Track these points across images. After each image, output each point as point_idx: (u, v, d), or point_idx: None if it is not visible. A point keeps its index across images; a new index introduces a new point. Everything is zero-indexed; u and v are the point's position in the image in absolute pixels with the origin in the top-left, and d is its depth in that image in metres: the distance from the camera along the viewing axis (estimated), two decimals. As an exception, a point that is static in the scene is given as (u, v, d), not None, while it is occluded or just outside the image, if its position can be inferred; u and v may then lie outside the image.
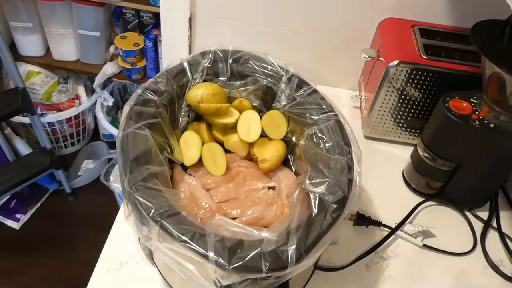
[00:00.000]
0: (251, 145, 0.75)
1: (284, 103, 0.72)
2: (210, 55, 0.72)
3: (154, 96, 0.65)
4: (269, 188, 0.73)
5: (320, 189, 0.56)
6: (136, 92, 0.66)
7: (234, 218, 0.66)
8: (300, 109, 0.70)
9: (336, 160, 0.61)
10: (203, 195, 0.69)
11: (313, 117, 0.68)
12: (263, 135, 0.74)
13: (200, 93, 0.70)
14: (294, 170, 0.74)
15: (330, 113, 0.67)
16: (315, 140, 0.66)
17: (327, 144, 0.63)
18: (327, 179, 0.57)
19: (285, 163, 0.75)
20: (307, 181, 0.59)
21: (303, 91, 0.70)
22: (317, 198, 0.55)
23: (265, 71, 0.73)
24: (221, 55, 0.73)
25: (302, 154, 0.67)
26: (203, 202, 0.68)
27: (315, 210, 0.54)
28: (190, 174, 0.72)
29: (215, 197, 0.70)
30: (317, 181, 0.58)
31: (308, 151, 0.66)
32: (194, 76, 0.71)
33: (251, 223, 0.66)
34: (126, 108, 0.63)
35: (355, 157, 0.62)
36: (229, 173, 0.73)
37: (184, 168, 0.73)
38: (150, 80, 0.68)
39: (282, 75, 0.72)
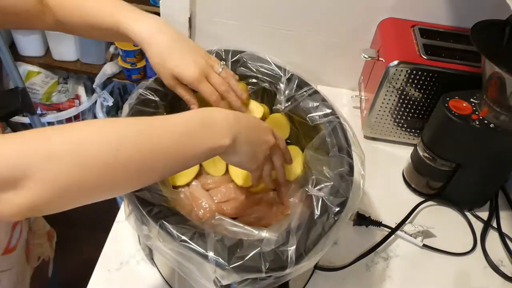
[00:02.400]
0: None
1: (284, 104, 0.72)
2: (211, 53, 0.72)
3: (154, 96, 0.65)
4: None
5: (323, 191, 0.56)
6: (137, 91, 0.65)
7: (234, 218, 0.66)
8: (301, 110, 0.70)
9: (339, 163, 0.61)
10: (203, 195, 0.69)
11: (313, 119, 0.67)
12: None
13: None
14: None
15: (331, 116, 0.67)
16: (318, 143, 0.66)
17: (329, 148, 0.63)
18: (330, 183, 0.57)
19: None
20: (310, 185, 0.59)
21: (304, 91, 0.70)
22: (320, 200, 0.55)
23: (265, 71, 0.73)
24: (222, 56, 0.73)
25: (305, 159, 0.67)
26: (203, 202, 0.67)
27: (317, 212, 0.54)
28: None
29: (215, 197, 0.70)
30: (320, 184, 0.58)
31: (311, 155, 0.65)
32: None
33: (251, 223, 0.66)
34: (126, 107, 0.63)
35: (358, 159, 0.62)
36: (228, 174, 0.73)
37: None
38: (151, 79, 0.67)
39: (282, 76, 0.71)
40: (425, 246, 0.80)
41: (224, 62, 0.65)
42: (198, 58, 0.61)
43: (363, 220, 0.80)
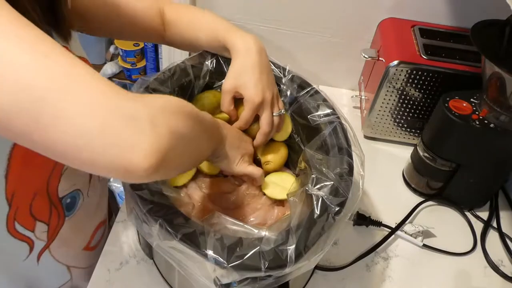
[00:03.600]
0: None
1: (285, 105, 0.72)
2: (213, 57, 0.72)
3: (154, 96, 0.65)
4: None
5: (323, 191, 0.56)
6: (138, 90, 0.65)
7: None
8: (302, 110, 0.70)
9: (339, 163, 0.61)
10: (202, 198, 0.68)
11: (314, 119, 0.67)
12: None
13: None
14: (294, 171, 0.74)
15: (332, 116, 0.67)
16: (318, 143, 0.66)
17: (329, 147, 0.63)
18: (330, 182, 0.57)
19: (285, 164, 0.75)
20: (310, 184, 0.59)
21: (305, 92, 0.70)
22: (320, 200, 0.55)
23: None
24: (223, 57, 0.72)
25: (305, 158, 0.67)
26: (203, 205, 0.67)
27: (317, 212, 0.54)
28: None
29: (217, 204, 0.69)
30: (320, 183, 0.58)
31: (311, 155, 0.65)
32: (197, 78, 0.71)
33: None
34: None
35: (358, 160, 0.62)
36: (228, 185, 0.73)
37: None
38: (152, 78, 0.67)
39: (283, 77, 0.71)
40: (425, 246, 0.80)
41: (283, 112, 0.68)
42: (267, 91, 0.64)
43: (363, 220, 0.80)
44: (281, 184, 0.70)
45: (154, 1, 0.70)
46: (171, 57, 1.18)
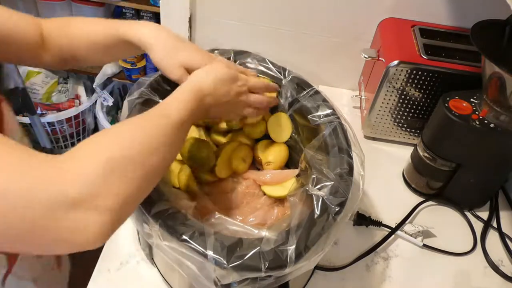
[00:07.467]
0: (254, 147, 0.75)
1: (286, 106, 0.72)
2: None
3: (155, 96, 0.65)
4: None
5: (323, 191, 0.56)
6: (139, 90, 0.65)
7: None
8: (302, 111, 0.70)
9: (339, 163, 0.61)
10: (202, 198, 0.68)
11: (315, 119, 0.67)
12: (264, 138, 0.74)
13: None
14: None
15: (332, 116, 0.67)
16: (318, 143, 0.66)
17: (329, 148, 0.63)
18: (330, 182, 0.57)
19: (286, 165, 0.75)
20: (310, 184, 0.59)
21: (305, 92, 0.70)
22: (320, 200, 0.55)
23: (267, 71, 0.72)
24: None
25: (306, 158, 0.67)
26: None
27: (317, 212, 0.54)
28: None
29: (217, 204, 0.69)
30: (320, 183, 0.58)
31: (311, 155, 0.65)
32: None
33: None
34: (126, 105, 0.63)
35: (358, 160, 0.62)
36: (228, 185, 0.73)
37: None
38: (152, 78, 0.67)
39: (283, 78, 0.71)
40: (425, 246, 0.80)
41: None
42: (202, 50, 0.63)
43: (363, 220, 0.80)
44: (281, 183, 0.70)
45: (30, 17, 0.61)
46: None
